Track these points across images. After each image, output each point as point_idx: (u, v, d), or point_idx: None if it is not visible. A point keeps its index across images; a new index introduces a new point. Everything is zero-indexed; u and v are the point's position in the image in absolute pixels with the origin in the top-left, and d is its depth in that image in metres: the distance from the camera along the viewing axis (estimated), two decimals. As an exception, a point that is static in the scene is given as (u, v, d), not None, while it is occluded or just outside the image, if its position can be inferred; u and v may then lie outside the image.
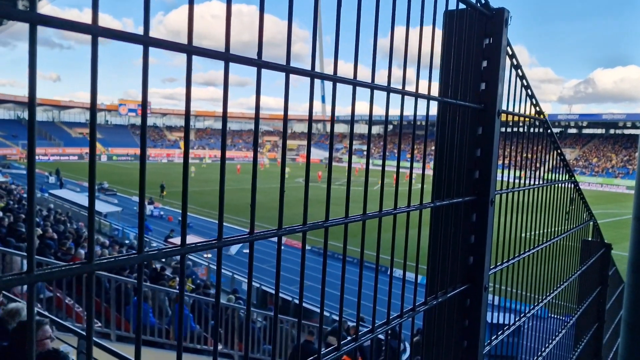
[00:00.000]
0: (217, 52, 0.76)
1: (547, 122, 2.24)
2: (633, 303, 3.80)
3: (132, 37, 0.65)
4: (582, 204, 3.23)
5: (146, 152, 0.67)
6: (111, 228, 28.05)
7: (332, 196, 1.03)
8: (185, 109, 0.72)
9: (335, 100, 1.03)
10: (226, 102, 0.79)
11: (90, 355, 0.61)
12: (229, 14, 0.76)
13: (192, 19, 0.71)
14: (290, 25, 0.87)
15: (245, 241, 0.84)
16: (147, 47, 0.66)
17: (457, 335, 1.67)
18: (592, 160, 78.33)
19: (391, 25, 1.13)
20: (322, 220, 1.02)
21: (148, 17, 0.66)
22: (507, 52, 1.70)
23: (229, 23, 0.76)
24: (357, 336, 1.15)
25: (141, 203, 0.68)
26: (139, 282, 0.69)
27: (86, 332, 0.62)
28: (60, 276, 0.57)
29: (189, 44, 0.71)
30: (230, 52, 0.77)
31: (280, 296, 17.22)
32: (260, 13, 0.82)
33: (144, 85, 0.67)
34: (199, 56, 0.73)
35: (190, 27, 0.72)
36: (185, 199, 0.74)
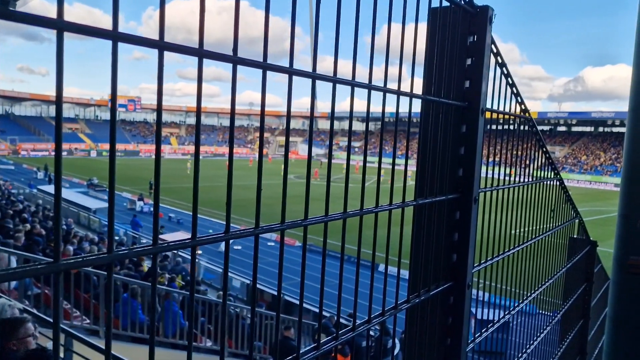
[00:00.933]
0: (190, 48, 0.75)
1: (532, 120, 2.25)
2: (618, 299, 3.84)
3: (100, 32, 0.64)
4: (567, 201, 3.25)
5: (115, 150, 0.66)
6: (100, 224, 27.85)
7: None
8: (157, 109, 0.71)
9: (314, 98, 1.02)
10: (200, 99, 0.78)
11: (57, 356, 0.60)
12: (202, 9, 0.75)
13: (163, 14, 0.70)
14: (266, 24, 0.86)
15: (220, 240, 0.83)
16: (116, 42, 0.65)
17: (440, 332, 1.67)
18: (581, 157, 79.00)
19: (372, 24, 1.12)
20: (301, 219, 1.01)
21: (117, 11, 0.64)
22: (492, 50, 1.70)
23: (202, 18, 0.75)
24: (338, 335, 1.15)
25: (111, 202, 0.67)
26: (108, 281, 0.67)
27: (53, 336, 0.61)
28: (23, 276, 0.56)
29: (160, 39, 0.70)
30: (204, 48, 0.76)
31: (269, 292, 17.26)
32: (235, 11, 0.81)
33: (113, 83, 0.66)
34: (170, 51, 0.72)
35: (161, 22, 0.70)
36: (157, 199, 0.73)
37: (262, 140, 0.89)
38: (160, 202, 2.94)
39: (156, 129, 0.71)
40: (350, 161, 1.17)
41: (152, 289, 0.72)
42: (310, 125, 1.02)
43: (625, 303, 3.76)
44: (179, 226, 31.54)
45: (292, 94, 0.95)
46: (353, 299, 1.22)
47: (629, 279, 3.70)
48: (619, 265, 3.75)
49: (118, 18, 0.65)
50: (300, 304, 1.09)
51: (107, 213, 2.66)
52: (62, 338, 5.58)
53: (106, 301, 0.60)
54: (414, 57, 1.30)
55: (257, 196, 0.88)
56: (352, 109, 1.14)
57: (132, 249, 0.69)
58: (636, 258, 3.64)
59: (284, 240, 0.96)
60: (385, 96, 1.21)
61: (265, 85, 0.89)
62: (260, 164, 0.91)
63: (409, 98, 1.31)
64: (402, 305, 1.41)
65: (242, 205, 33.05)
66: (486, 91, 1.65)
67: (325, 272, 1.10)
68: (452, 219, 1.65)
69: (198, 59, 0.76)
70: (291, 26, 0.90)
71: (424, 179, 1.54)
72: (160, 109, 0.71)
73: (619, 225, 3.73)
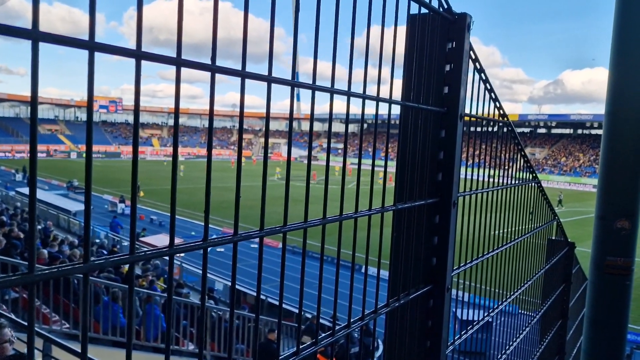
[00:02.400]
0: (168, 58, 0.75)
1: (510, 124, 2.28)
2: (595, 300, 3.92)
3: (77, 42, 0.64)
4: (545, 204, 3.30)
5: (92, 153, 0.66)
6: (80, 227, 27.45)
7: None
8: (134, 116, 0.71)
9: (292, 105, 1.02)
10: (177, 107, 0.78)
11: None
12: (180, 17, 0.75)
13: (141, 23, 0.70)
14: (245, 33, 0.87)
15: (198, 248, 0.83)
16: (92, 52, 0.65)
17: (420, 335, 1.69)
18: (560, 159, 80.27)
19: (351, 33, 1.13)
20: (280, 226, 1.02)
21: (94, 21, 0.64)
22: (471, 56, 1.73)
23: (180, 27, 0.75)
24: (317, 340, 1.15)
25: (87, 215, 0.67)
26: (84, 290, 0.67)
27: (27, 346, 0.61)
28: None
29: (137, 49, 0.70)
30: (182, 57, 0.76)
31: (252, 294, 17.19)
32: (214, 16, 0.81)
33: (89, 91, 0.65)
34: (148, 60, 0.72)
35: (139, 31, 0.70)
36: (134, 208, 0.73)
37: (240, 147, 0.89)
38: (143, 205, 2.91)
39: (133, 138, 0.71)
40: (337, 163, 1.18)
41: (129, 298, 0.72)
42: (289, 130, 1.02)
43: (602, 303, 3.84)
44: (161, 228, 31.27)
45: (270, 100, 0.95)
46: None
47: (606, 279, 3.78)
48: (596, 266, 3.82)
49: (95, 27, 0.65)
50: (280, 309, 1.10)
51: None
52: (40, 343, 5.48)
53: (82, 311, 0.60)
54: (393, 63, 1.31)
55: (235, 203, 0.88)
56: (331, 115, 1.15)
57: (109, 258, 0.69)
58: (613, 259, 3.72)
59: (262, 247, 0.96)
60: (364, 102, 1.22)
61: (244, 93, 0.90)
62: (239, 171, 0.92)
63: (388, 104, 1.33)
64: (382, 309, 1.42)
65: (225, 207, 32.95)
66: (465, 97, 1.68)
67: (305, 275, 1.10)
68: (432, 222, 1.67)
69: (176, 69, 0.77)
70: (270, 36, 0.91)
71: (404, 184, 1.56)
72: (137, 118, 0.71)
73: (596, 227, 3.81)
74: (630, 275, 3.73)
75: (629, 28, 3.46)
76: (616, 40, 3.54)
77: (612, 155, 3.64)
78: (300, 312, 1.14)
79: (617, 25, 3.52)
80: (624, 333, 3.85)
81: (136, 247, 0.74)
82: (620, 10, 3.49)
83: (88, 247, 0.67)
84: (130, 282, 0.72)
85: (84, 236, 0.67)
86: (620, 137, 3.58)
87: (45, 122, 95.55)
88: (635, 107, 3.50)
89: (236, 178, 0.91)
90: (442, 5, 1.54)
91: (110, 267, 1.32)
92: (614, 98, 3.58)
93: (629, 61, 3.48)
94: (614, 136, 3.62)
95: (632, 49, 3.45)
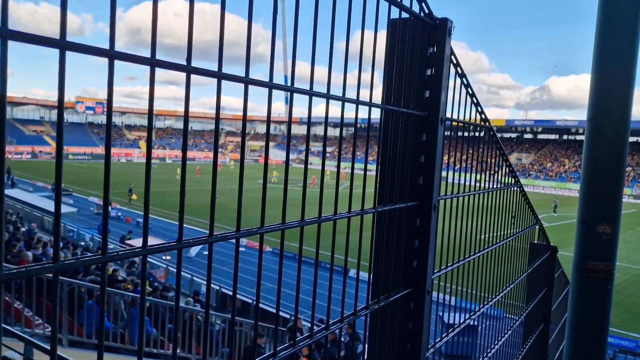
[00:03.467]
0: (142, 58, 0.75)
1: (492, 128, 2.31)
2: (577, 303, 3.96)
3: (48, 41, 0.63)
4: (527, 208, 3.34)
5: (62, 154, 0.65)
6: (65, 229, 27.16)
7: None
8: (107, 118, 0.71)
9: (270, 107, 1.03)
10: (152, 108, 0.78)
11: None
12: (155, 17, 0.75)
13: (114, 23, 0.70)
14: (221, 35, 0.87)
15: (172, 249, 0.83)
16: (63, 51, 0.65)
17: (400, 338, 1.70)
18: (546, 164, 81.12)
19: (331, 34, 1.14)
20: (257, 227, 1.02)
21: (65, 20, 0.64)
22: (452, 61, 1.75)
23: (155, 27, 0.75)
24: (295, 342, 1.15)
25: (57, 212, 0.66)
26: (54, 291, 0.67)
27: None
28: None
29: (110, 48, 0.70)
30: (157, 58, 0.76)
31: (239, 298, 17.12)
32: (190, 16, 0.81)
33: (60, 91, 0.65)
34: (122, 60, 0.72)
35: (112, 31, 0.70)
36: (106, 210, 0.72)
37: (216, 150, 0.89)
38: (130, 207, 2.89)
39: (106, 141, 0.71)
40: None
41: (101, 301, 0.72)
42: (267, 133, 1.03)
43: (583, 307, 3.88)
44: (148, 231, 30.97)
45: (247, 102, 0.95)
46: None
47: (587, 283, 3.82)
48: (578, 270, 3.87)
49: (66, 26, 0.64)
50: (257, 310, 1.09)
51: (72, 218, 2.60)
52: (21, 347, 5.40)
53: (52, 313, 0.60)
54: (373, 66, 1.32)
55: (211, 205, 0.88)
56: (310, 118, 1.15)
57: (79, 258, 0.69)
58: (594, 263, 3.77)
59: (238, 248, 0.96)
60: (343, 105, 1.23)
61: (220, 94, 0.90)
62: (215, 173, 0.92)
63: (368, 107, 1.33)
64: (361, 311, 1.42)
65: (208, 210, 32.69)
66: (446, 101, 1.69)
67: (282, 278, 1.10)
68: (413, 225, 1.68)
69: (150, 69, 0.77)
70: (247, 39, 0.91)
71: (384, 187, 1.57)
72: (109, 118, 0.71)
73: (578, 232, 3.85)
74: (611, 279, 3.78)
75: (610, 36, 3.51)
76: (598, 48, 3.60)
77: (594, 161, 3.69)
78: (277, 313, 1.14)
79: (598, 33, 3.57)
80: (605, 336, 3.90)
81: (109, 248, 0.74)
82: (602, 19, 3.54)
83: (58, 247, 0.67)
84: (103, 284, 0.72)
85: (54, 236, 0.66)
86: (602, 143, 3.64)
87: (31, 123, 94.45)
88: (615, 113, 3.55)
89: (212, 181, 0.91)
90: (423, 10, 1.56)
91: (81, 267, 1.30)
92: (595, 104, 3.63)
93: (609, 68, 3.54)
94: (595, 142, 3.67)
95: (613, 56, 3.51)
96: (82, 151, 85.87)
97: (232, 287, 1.06)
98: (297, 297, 1.18)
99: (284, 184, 1.09)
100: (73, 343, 8.46)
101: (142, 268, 0.76)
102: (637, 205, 59.05)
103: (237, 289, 1.01)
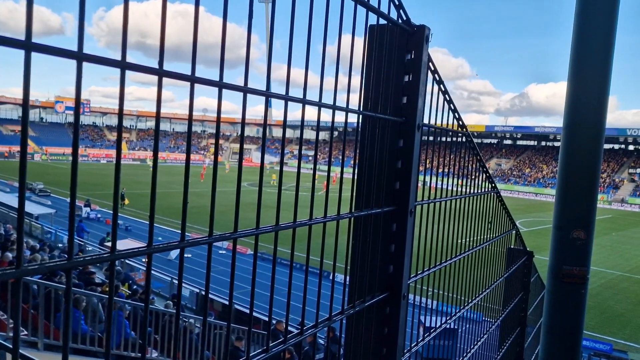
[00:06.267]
0: (112, 60, 0.74)
1: (469, 134, 2.33)
2: (552, 307, 4.02)
3: (12, 42, 0.62)
4: (504, 213, 3.38)
5: (26, 154, 0.64)
6: (43, 231, 26.67)
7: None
8: (74, 119, 0.70)
9: (245, 112, 1.02)
10: (122, 110, 0.77)
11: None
12: (125, 20, 0.75)
13: (82, 24, 0.69)
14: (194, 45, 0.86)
15: (142, 254, 0.82)
16: (29, 52, 0.64)
17: (376, 342, 1.70)
18: (525, 170, 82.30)
19: (307, 40, 1.14)
20: (230, 232, 1.02)
21: (30, 20, 0.63)
22: (430, 67, 1.76)
23: (125, 29, 0.75)
24: (268, 347, 1.15)
25: (20, 215, 0.65)
26: (17, 297, 0.65)
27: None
28: None
29: (79, 50, 0.69)
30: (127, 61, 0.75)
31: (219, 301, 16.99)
32: (162, 19, 0.81)
33: (25, 92, 0.64)
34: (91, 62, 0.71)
35: (80, 32, 0.69)
36: (72, 212, 0.71)
37: (188, 154, 0.89)
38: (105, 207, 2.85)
39: (73, 144, 0.70)
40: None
41: (65, 307, 0.70)
42: (241, 137, 1.02)
43: (558, 311, 3.94)
44: (128, 233, 30.66)
45: (221, 106, 0.95)
46: (286, 309, 1.23)
47: (562, 287, 3.88)
48: (553, 274, 3.93)
49: (32, 27, 0.63)
50: (229, 312, 1.09)
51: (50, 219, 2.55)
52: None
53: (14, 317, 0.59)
54: (350, 72, 1.33)
55: (183, 210, 0.88)
56: (285, 122, 1.15)
57: (44, 264, 0.67)
58: (569, 268, 3.83)
59: (211, 252, 0.96)
60: (319, 110, 1.23)
61: (193, 98, 0.89)
62: (187, 177, 0.91)
63: (345, 113, 1.34)
64: (336, 316, 1.42)
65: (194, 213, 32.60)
66: (423, 107, 1.70)
67: (255, 282, 1.10)
68: (389, 230, 1.69)
69: (120, 71, 0.76)
70: (221, 44, 0.91)
71: (361, 191, 1.57)
72: (77, 119, 0.70)
73: (553, 237, 3.92)
74: (585, 283, 3.84)
75: (586, 45, 3.59)
76: (573, 57, 3.67)
77: (569, 167, 3.76)
78: (251, 315, 1.13)
79: (574, 42, 3.64)
80: (579, 340, 3.96)
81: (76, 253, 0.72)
82: (578, 30, 3.62)
83: (21, 251, 0.65)
84: (68, 289, 0.71)
85: (17, 240, 0.65)
86: (577, 150, 3.71)
87: (8, 123, 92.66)
88: (590, 120, 3.63)
89: (184, 185, 0.91)
90: (400, 17, 1.57)
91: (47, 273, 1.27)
92: (571, 112, 3.70)
93: (585, 77, 3.61)
94: (570, 149, 3.73)
95: (588, 65, 3.58)
96: (61, 151, 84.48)
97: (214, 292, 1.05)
98: (270, 301, 1.17)
99: (259, 188, 1.09)
100: (49, 347, 8.30)
101: (110, 274, 0.75)
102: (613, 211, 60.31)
103: (209, 292, 1.00)
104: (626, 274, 29.69)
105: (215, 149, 0.94)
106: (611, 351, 17.70)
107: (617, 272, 29.85)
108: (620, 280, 28.19)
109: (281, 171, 1.15)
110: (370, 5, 1.37)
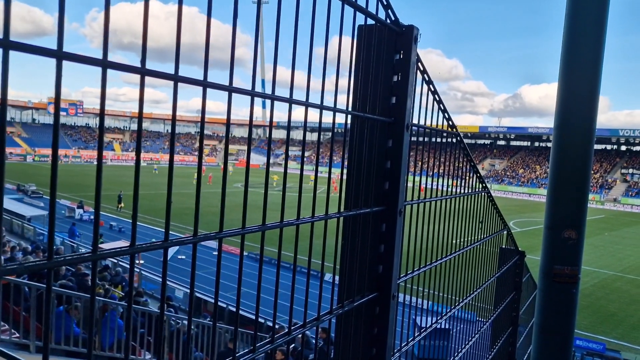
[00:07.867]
0: (93, 59, 0.74)
1: (459, 135, 2.34)
2: (544, 307, 4.04)
3: (-10, 39, 0.62)
4: (495, 213, 3.39)
5: (4, 155, 0.64)
6: (35, 233, 26.52)
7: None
8: (54, 119, 0.70)
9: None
10: (103, 108, 0.76)
11: None
12: (107, 19, 0.74)
13: (62, 23, 0.69)
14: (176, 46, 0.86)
15: (125, 254, 0.82)
16: (7, 50, 0.63)
17: (365, 342, 1.70)
18: (518, 170, 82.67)
19: (294, 41, 1.14)
20: (215, 232, 1.01)
21: (8, 18, 0.63)
22: (419, 68, 1.77)
23: (106, 29, 0.74)
24: (255, 347, 1.15)
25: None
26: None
27: None
28: None
29: (58, 49, 0.69)
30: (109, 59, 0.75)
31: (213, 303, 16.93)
32: (144, 19, 0.80)
33: (3, 91, 0.64)
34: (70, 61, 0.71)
35: (60, 31, 0.69)
36: (53, 212, 0.71)
37: (172, 149, 0.88)
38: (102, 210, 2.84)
39: (53, 146, 0.69)
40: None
41: (45, 309, 0.70)
42: (226, 137, 1.02)
43: (550, 310, 3.96)
44: (121, 235, 30.54)
45: (205, 105, 0.95)
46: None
47: (553, 287, 3.90)
48: (545, 274, 3.95)
49: (9, 25, 0.63)
50: (215, 311, 1.08)
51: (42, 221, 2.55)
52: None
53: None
54: (338, 72, 1.33)
55: (166, 210, 0.87)
56: (272, 122, 1.15)
57: (23, 263, 0.67)
58: (560, 267, 3.85)
59: (196, 253, 0.95)
60: (307, 110, 1.23)
61: (177, 97, 0.89)
62: (171, 177, 0.91)
63: (333, 112, 1.34)
64: (325, 316, 1.42)
65: (186, 214, 32.58)
66: (412, 107, 1.71)
67: (242, 283, 1.10)
68: (378, 231, 1.69)
69: (102, 70, 0.75)
70: (206, 44, 0.90)
71: (350, 191, 1.57)
72: (57, 119, 0.70)
73: (544, 237, 3.94)
74: (576, 283, 3.86)
75: (576, 47, 3.61)
76: (564, 58, 3.69)
77: (560, 168, 3.78)
78: (237, 315, 1.13)
79: (565, 44, 3.67)
80: (570, 339, 3.98)
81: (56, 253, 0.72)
82: (568, 31, 3.64)
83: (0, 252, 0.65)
84: (48, 289, 0.70)
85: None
86: (568, 150, 3.73)
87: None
88: (581, 121, 3.65)
89: (168, 185, 0.90)
90: (389, 17, 1.57)
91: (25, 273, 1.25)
92: (561, 112, 3.72)
93: (575, 78, 3.63)
94: (561, 149, 3.76)
95: (579, 66, 3.60)
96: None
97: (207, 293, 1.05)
98: (257, 300, 1.17)
99: (244, 189, 1.09)
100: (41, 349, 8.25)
101: (92, 273, 0.74)
102: (606, 211, 60.68)
103: (194, 292, 1.00)
104: (619, 273, 29.88)
105: (199, 149, 0.94)
106: (604, 350, 17.79)
107: (610, 272, 30.04)
108: (613, 280, 28.36)
109: (267, 172, 1.15)
110: (358, 5, 1.37)
